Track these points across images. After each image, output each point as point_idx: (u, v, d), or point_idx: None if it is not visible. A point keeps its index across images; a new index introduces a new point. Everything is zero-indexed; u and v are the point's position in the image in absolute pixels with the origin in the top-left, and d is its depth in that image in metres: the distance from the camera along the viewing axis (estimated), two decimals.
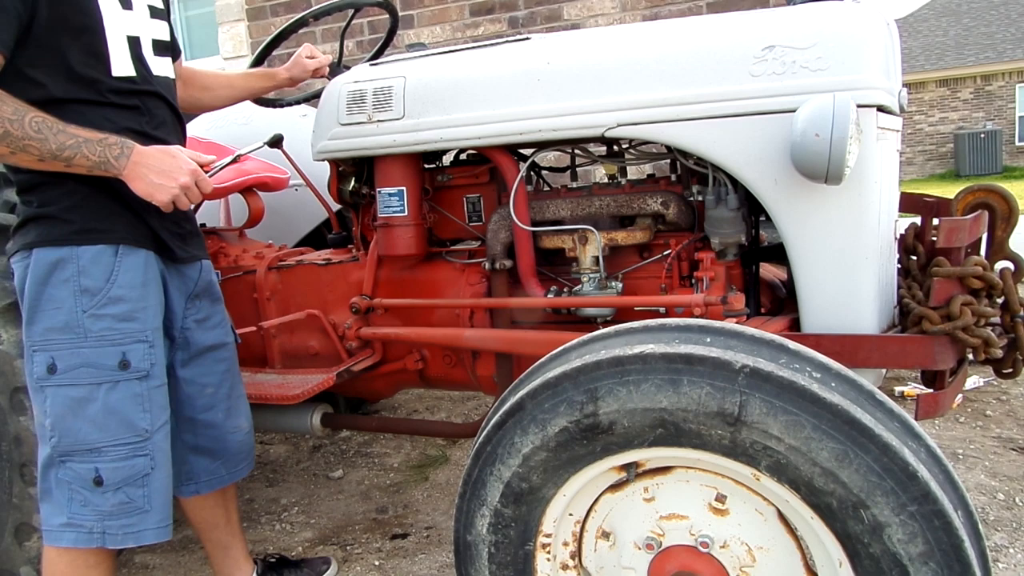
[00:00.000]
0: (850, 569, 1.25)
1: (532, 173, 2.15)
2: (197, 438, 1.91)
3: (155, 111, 1.75)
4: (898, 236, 1.93)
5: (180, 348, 1.86)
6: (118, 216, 1.65)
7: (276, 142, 2.43)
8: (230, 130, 2.99)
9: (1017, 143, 20.46)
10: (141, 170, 1.57)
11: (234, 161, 1.88)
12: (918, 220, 1.94)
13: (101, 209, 1.63)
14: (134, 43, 1.70)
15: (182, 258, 1.80)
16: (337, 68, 2.37)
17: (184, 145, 1.84)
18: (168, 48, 1.84)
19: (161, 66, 1.80)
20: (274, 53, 2.42)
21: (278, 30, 2.34)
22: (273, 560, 2.32)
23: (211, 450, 1.96)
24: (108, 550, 1.70)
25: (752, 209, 1.89)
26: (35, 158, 1.51)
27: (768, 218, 1.79)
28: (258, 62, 2.41)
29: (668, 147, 1.90)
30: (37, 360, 1.63)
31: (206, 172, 1.69)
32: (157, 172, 1.58)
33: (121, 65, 1.67)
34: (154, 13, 1.80)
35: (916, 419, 1.42)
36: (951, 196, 2.05)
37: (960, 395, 3.52)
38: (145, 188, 1.59)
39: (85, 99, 1.62)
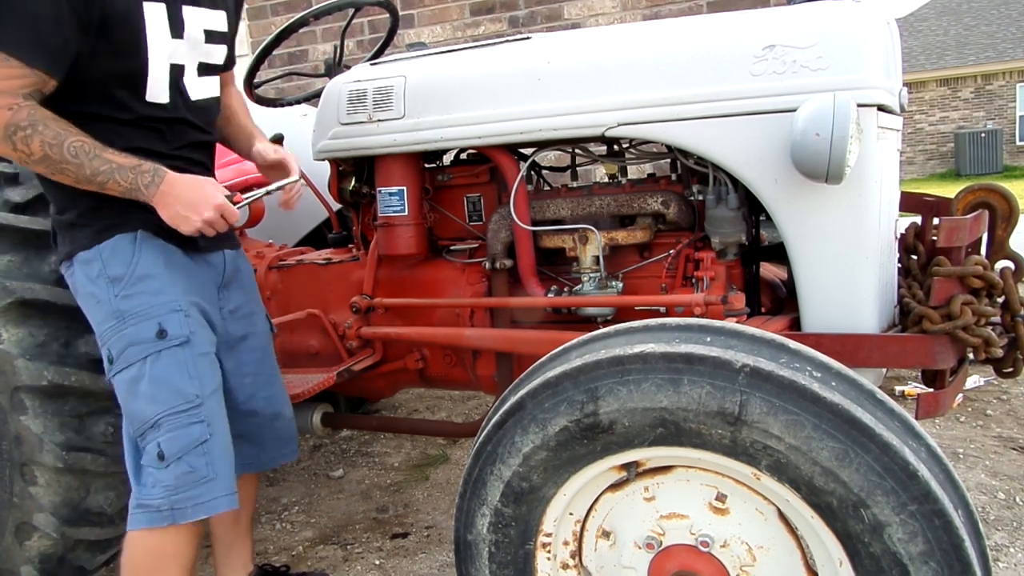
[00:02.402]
0: (850, 568, 1.25)
1: (532, 173, 2.15)
2: (239, 427, 1.88)
3: (179, 135, 1.75)
4: (898, 235, 1.93)
5: (219, 339, 1.85)
6: (135, 211, 1.66)
7: (276, 142, 2.43)
8: None
9: (1017, 142, 20.44)
10: (169, 199, 1.60)
11: (265, 195, 1.82)
12: (918, 219, 1.94)
13: (119, 207, 1.65)
14: (176, 71, 1.70)
15: (204, 247, 1.80)
16: (337, 68, 2.37)
17: (212, 164, 1.86)
18: (217, 68, 1.83)
19: (203, 88, 1.79)
20: (274, 52, 2.42)
21: (279, 29, 2.34)
22: (270, 570, 2.30)
23: (253, 437, 1.97)
24: (185, 539, 1.69)
25: (752, 209, 1.89)
26: (71, 180, 1.56)
27: (768, 218, 1.79)
28: (259, 61, 2.42)
29: (668, 147, 1.90)
30: (104, 355, 1.69)
31: (235, 203, 1.69)
32: (184, 204, 1.61)
33: (156, 92, 1.67)
34: (211, 38, 1.77)
35: (916, 418, 1.42)
36: (951, 195, 2.05)
37: (960, 394, 3.52)
38: (171, 217, 1.62)
39: (109, 117, 1.63)
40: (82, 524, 2.03)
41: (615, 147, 2.09)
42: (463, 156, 2.35)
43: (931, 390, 1.72)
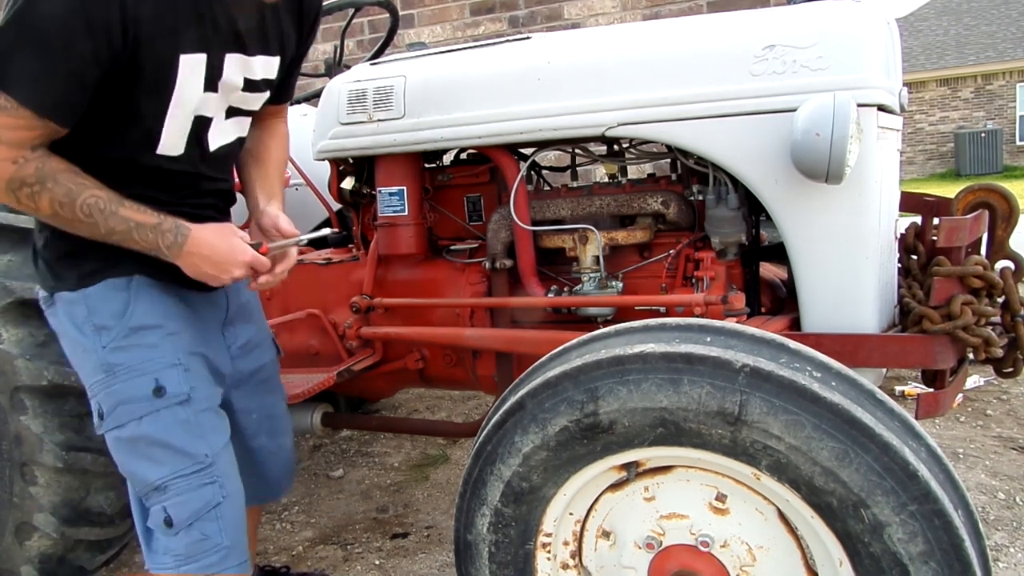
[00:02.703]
0: (850, 568, 1.25)
1: (532, 172, 2.15)
2: (243, 463, 1.72)
3: (188, 185, 1.57)
4: (898, 235, 1.93)
5: (229, 379, 1.71)
6: (128, 252, 1.46)
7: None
8: None
9: (1018, 142, 20.44)
10: (194, 260, 1.46)
11: (295, 244, 1.64)
12: (918, 219, 1.94)
13: (109, 247, 1.46)
14: (201, 123, 1.52)
15: (205, 287, 1.57)
16: (337, 67, 2.37)
17: (226, 208, 1.70)
18: (251, 112, 1.64)
19: (227, 134, 1.59)
20: None
21: None
22: (270, 570, 2.29)
23: (257, 472, 1.84)
24: None
25: (752, 208, 1.89)
26: (84, 235, 1.41)
27: (768, 217, 1.79)
28: None
29: (668, 146, 1.90)
30: (92, 408, 1.53)
31: (264, 253, 1.53)
32: (211, 264, 1.47)
33: (170, 145, 1.49)
34: (252, 86, 1.56)
35: (916, 418, 1.42)
36: (951, 195, 2.05)
37: (960, 394, 3.52)
38: (196, 275, 1.49)
39: (110, 159, 1.45)
40: (82, 524, 2.03)
41: (615, 147, 2.09)
42: (463, 156, 2.35)
43: (931, 390, 1.72)
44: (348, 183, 2.26)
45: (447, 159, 2.35)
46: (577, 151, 2.15)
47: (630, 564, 1.45)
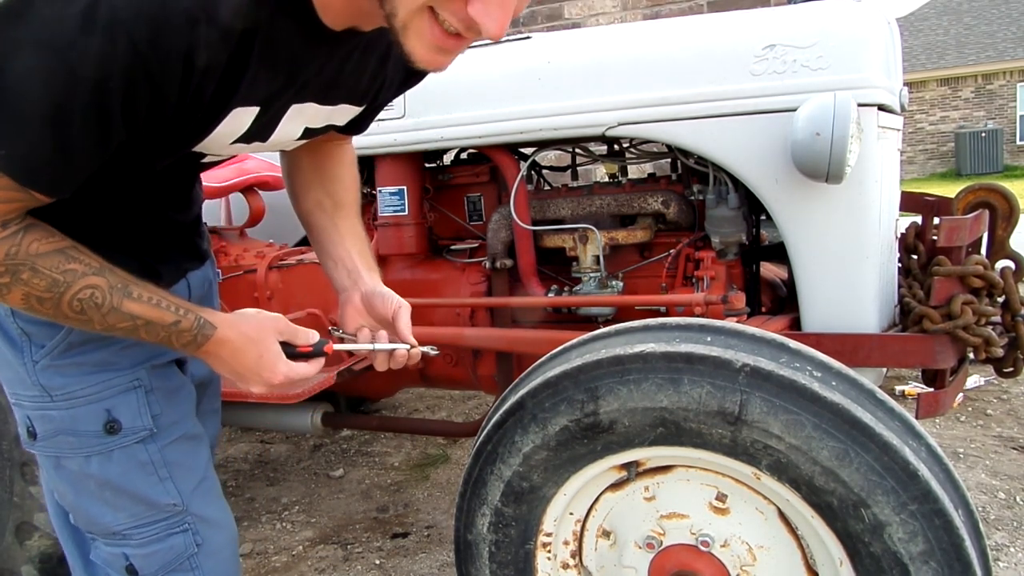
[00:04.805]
0: (850, 568, 1.25)
1: (533, 172, 2.15)
2: None
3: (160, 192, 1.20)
4: (899, 235, 1.93)
5: (194, 380, 1.38)
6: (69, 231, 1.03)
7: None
8: None
9: (1018, 142, 20.44)
10: (214, 362, 1.14)
11: (368, 352, 1.30)
12: (919, 219, 1.94)
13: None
14: (205, 167, 1.22)
15: (167, 280, 1.24)
16: None
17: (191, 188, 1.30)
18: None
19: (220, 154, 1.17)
20: None
21: None
22: None
23: None
24: None
25: (753, 208, 1.89)
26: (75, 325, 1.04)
27: (769, 217, 1.79)
28: None
29: (669, 146, 1.90)
30: (18, 418, 1.19)
31: (301, 352, 1.18)
32: (237, 375, 1.14)
33: (176, 206, 1.22)
34: (310, 134, 1.19)
35: (917, 418, 1.42)
36: (952, 195, 2.05)
37: (961, 394, 3.52)
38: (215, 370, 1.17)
39: (96, 206, 1.09)
40: None
41: (615, 147, 2.09)
42: (463, 156, 2.35)
43: (931, 390, 1.72)
44: None
45: (447, 159, 2.35)
46: (577, 151, 2.15)
47: (630, 564, 1.45)
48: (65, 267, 0.97)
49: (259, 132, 1.07)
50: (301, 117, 1.12)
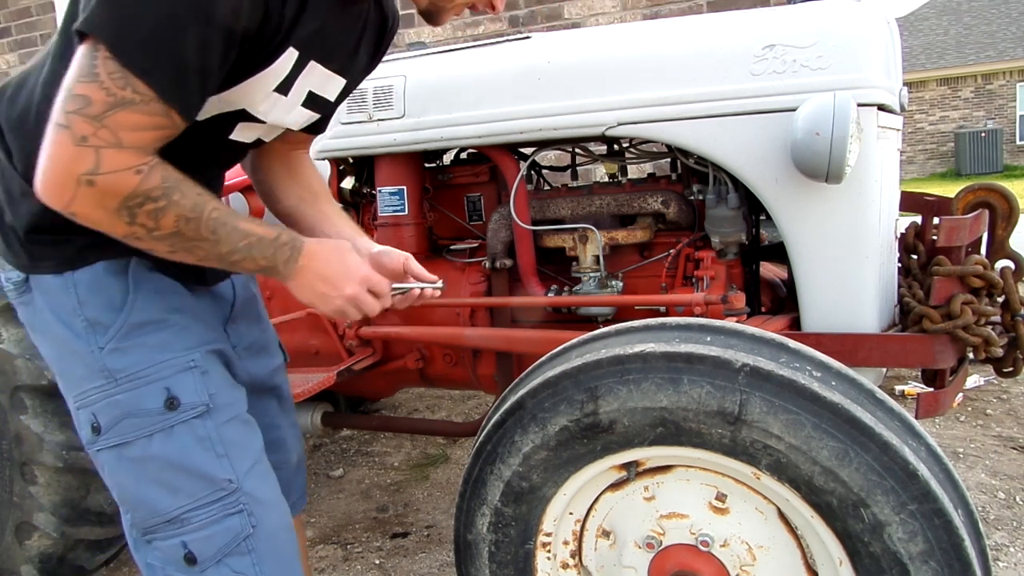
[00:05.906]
0: (850, 568, 1.25)
1: (532, 172, 2.15)
2: None
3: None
4: (898, 235, 1.93)
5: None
6: None
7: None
8: None
9: (1018, 142, 20.45)
10: (308, 277, 1.24)
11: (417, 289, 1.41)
12: (919, 219, 1.94)
13: None
14: (237, 118, 1.26)
15: (211, 279, 1.37)
16: None
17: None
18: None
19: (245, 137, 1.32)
20: None
21: None
22: None
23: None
24: None
25: (752, 208, 1.89)
26: (193, 259, 1.14)
27: (768, 217, 1.79)
28: None
29: (668, 146, 1.90)
30: (82, 420, 1.25)
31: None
32: (322, 279, 1.25)
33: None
34: (313, 103, 1.30)
35: (916, 418, 1.42)
36: (951, 195, 2.05)
37: (960, 394, 3.52)
38: (308, 298, 1.28)
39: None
40: (82, 523, 2.03)
41: (615, 146, 2.09)
42: (463, 155, 2.35)
43: (931, 390, 1.72)
44: (348, 183, 2.26)
45: (447, 159, 2.35)
46: (577, 151, 2.15)
47: (630, 564, 1.45)
48: (198, 189, 1.10)
49: (284, 86, 1.20)
50: (311, 77, 1.23)
